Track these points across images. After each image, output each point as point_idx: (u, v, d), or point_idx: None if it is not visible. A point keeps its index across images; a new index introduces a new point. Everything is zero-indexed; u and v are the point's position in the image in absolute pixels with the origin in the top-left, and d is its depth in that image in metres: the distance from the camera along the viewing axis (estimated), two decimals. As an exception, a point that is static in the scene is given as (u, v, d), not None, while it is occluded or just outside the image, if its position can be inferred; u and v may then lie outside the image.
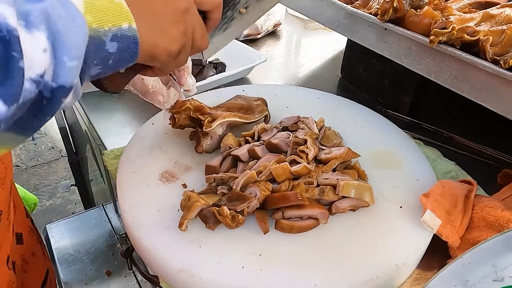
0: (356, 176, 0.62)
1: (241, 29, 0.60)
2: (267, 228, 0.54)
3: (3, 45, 0.28)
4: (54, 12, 0.31)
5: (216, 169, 0.62)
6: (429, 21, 0.61)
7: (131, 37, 0.37)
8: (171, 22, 0.42)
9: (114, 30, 0.35)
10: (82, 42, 0.33)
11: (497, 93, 0.56)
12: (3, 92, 0.28)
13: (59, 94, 0.32)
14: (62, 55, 0.31)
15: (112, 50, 0.36)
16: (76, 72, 0.33)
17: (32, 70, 0.29)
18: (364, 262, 0.51)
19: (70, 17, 0.32)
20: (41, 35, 0.30)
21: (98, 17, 0.34)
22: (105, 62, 0.36)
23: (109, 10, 0.35)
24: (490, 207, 0.55)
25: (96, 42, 0.34)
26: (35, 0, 0.30)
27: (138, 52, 0.38)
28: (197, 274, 0.49)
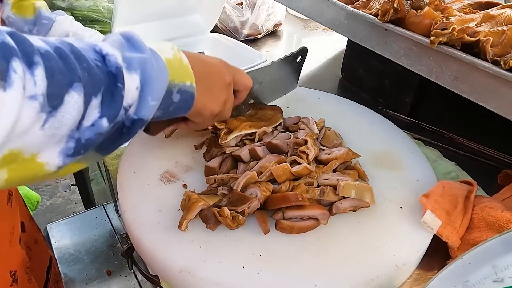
0: (356, 177, 0.62)
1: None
2: (268, 229, 0.54)
3: (112, 78, 0.36)
4: (150, 62, 0.40)
5: (216, 170, 0.63)
6: (430, 21, 0.61)
7: (191, 93, 0.46)
8: (219, 90, 0.52)
9: (180, 85, 0.44)
10: (163, 88, 0.41)
11: (498, 94, 0.56)
12: (109, 112, 0.36)
13: (137, 125, 0.40)
14: (148, 95, 0.39)
15: (175, 100, 0.44)
16: (153, 110, 0.41)
17: (125, 100, 0.37)
18: (364, 263, 0.51)
19: (160, 68, 0.41)
20: (137, 76, 0.38)
21: (173, 73, 0.43)
22: (167, 108, 0.44)
23: (180, 69, 0.44)
24: (490, 207, 0.55)
25: (167, 91, 0.43)
26: (137, 51, 0.40)
27: (192, 106, 0.47)
28: (197, 274, 0.49)
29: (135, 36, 0.41)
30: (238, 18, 1.27)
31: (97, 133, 0.35)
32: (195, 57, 0.49)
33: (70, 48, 0.34)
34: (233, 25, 1.27)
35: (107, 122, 0.36)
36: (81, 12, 1.05)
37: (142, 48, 0.40)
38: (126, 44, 0.40)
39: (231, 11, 1.28)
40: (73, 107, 0.33)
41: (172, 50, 0.44)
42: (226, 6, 1.27)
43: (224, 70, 0.54)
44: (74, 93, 0.32)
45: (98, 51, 0.37)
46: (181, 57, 0.45)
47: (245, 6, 1.29)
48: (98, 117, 0.35)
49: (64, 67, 0.32)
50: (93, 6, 1.07)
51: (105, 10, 1.08)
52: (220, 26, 1.29)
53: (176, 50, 0.45)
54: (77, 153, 0.35)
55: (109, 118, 0.36)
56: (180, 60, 0.45)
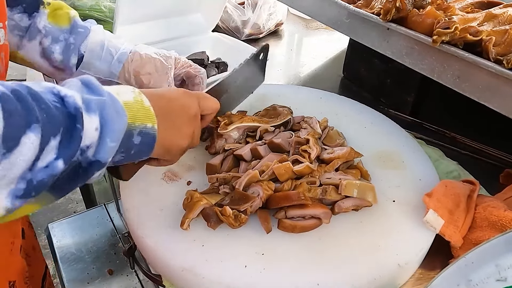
0: (359, 176, 0.62)
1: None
2: (270, 228, 0.54)
3: (71, 119, 0.36)
4: (108, 105, 0.40)
5: (217, 168, 0.63)
6: (432, 21, 0.61)
7: (152, 135, 0.45)
8: (185, 124, 0.52)
9: (141, 127, 0.44)
10: (122, 130, 0.41)
11: (500, 93, 0.55)
12: (66, 153, 0.35)
13: (94, 166, 0.39)
14: (106, 136, 0.39)
15: (136, 142, 0.44)
16: (112, 152, 0.40)
17: (83, 141, 0.37)
18: (366, 262, 0.51)
19: (117, 110, 0.41)
20: (96, 118, 0.38)
21: (132, 115, 0.43)
22: (129, 151, 0.44)
23: (140, 111, 0.44)
24: (492, 207, 0.55)
25: (127, 133, 0.42)
26: (96, 93, 0.40)
27: (154, 147, 0.46)
28: (199, 273, 0.49)
29: (93, 80, 0.41)
30: (239, 18, 1.27)
31: (50, 174, 0.35)
32: (157, 96, 0.48)
33: (28, 91, 0.34)
34: (235, 25, 1.27)
35: (62, 163, 0.35)
36: (83, 11, 1.05)
37: (100, 92, 0.40)
38: (84, 88, 0.40)
39: (233, 10, 1.28)
40: (29, 149, 0.32)
41: (133, 93, 0.44)
42: (227, 5, 1.27)
43: (188, 102, 0.53)
44: (32, 134, 0.32)
45: (56, 93, 0.36)
46: (142, 99, 0.45)
47: (246, 6, 1.29)
48: (54, 158, 0.34)
49: (22, 109, 0.32)
50: (95, 5, 1.07)
51: (107, 9, 1.08)
52: (221, 26, 1.29)
53: (136, 93, 0.45)
54: (27, 194, 0.34)
55: (65, 159, 0.35)
56: (141, 103, 0.44)
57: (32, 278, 0.70)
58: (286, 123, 0.70)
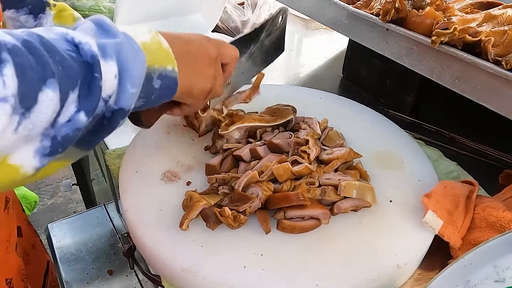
0: (358, 177, 0.62)
1: (237, 87, 0.70)
2: (269, 228, 0.54)
3: (88, 69, 0.33)
4: (124, 47, 0.37)
5: (216, 168, 0.63)
6: (431, 21, 0.61)
7: (173, 78, 0.43)
8: (206, 65, 0.50)
9: (160, 70, 0.42)
10: (142, 74, 0.39)
11: (499, 94, 0.56)
12: (87, 105, 0.33)
13: (118, 115, 0.38)
14: (127, 82, 0.37)
15: (156, 86, 0.42)
16: (134, 98, 0.38)
17: (105, 91, 0.35)
18: (365, 263, 0.51)
19: (135, 51, 0.38)
20: (113, 63, 0.36)
21: (151, 57, 0.40)
22: (149, 96, 0.42)
23: (159, 53, 0.42)
24: (491, 207, 0.55)
25: (147, 77, 0.40)
26: (110, 35, 0.37)
27: (176, 91, 0.44)
28: (199, 274, 0.49)
29: (107, 21, 0.38)
30: (239, 18, 1.27)
31: (74, 128, 0.33)
32: (175, 37, 0.46)
33: (40, 40, 0.31)
34: (234, 25, 1.27)
35: (85, 116, 0.33)
36: (82, 12, 1.05)
37: (115, 33, 0.38)
38: (97, 30, 0.37)
39: (232, 10, 1.28)
40: (48, 106, 0.30)
41: (149, 34, 0.42)
42: (227, 5, 1.27)
43: (207, 45, 0.51)
44: (49, 91, 0.30)
45: (70, 40, 0.34)
46: (159, 41, 0.42)
47: (246, 6, 1.29)
48: (75, 111, 0.33)
49: (35, 63, 0.30)
50: (94, 6, 1.07)
51: (107, 10, 1.08)
52: (221, 26, 1.29)
53: (153, 33, 0.42)
54: (54, 151, 0.33)
55: (87, 112, 0.34)
56: (159, 43, 0.42)
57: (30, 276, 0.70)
58: (287, 122, 0.70)
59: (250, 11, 1.28)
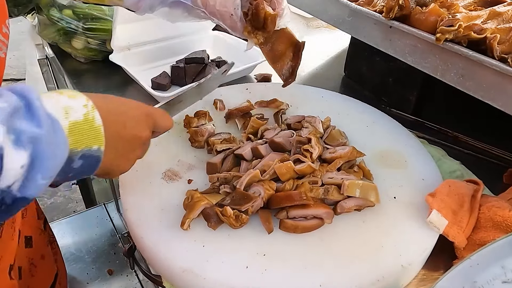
0: (361, 176, 0.61)
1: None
2: (271, 228, 0.54)
3: None
4: (46, 139, 0.34)
5: (217, 167, 0.62)
6: (435, 18, 0.61)
7: (96, 157, 0.41)
8: (133, 149, 0.49)
9: (85, 151, 0.39)
10: (59, 166, 0.36)
11: (505, 92, 0.55)
12: None
13: (20, 203, 0.34)
14: (37, 173, 0.34)
15: (76, 166, 0.39)
16: (43, 188, 0.35)
17: (3, 181, 0.32)
18: (369, 263, 0.51)
19: (58, 144, 0.36)
20: (25, 153, 0.32)
21: (77, 139, 0.38)
22: (66, 175, 0.40)
23: (87, 133, 0.39)
24: (497, 207, 0.54)
25: (67, 160, 0.38)
26: (32, 123, 0.33)
27: (96, 170, 0.42)
28: (200, 274, 0.49)
29: (35, 102, 0.34)
30: (240, 16, 1.26)
31: None
32: (112, 111, 0.44)
33: None
34: (235, 23, 1.26)
35: None
36: (82, 10, 1.04)
37: (40, 120, 0.34)
38: (23, 109, 0.34)
39: (233, 9, 1.27)
40: None
41: (85, 108, 0.39)
42: (228, 4, 1.26)
43: (143, 124, 0.50)
44: None
45: None
46: (93, 117, 0.40)
47: (247, 4, 1.28)
48: None
49: None
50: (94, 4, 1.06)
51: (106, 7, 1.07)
52: (222, 24, 1.28)
53: (90, 108, 0.40)
54: None
55: None
56: (92, 122, 0.39)
57: None
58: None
59: (251, 9, 1.27)
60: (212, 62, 1.03)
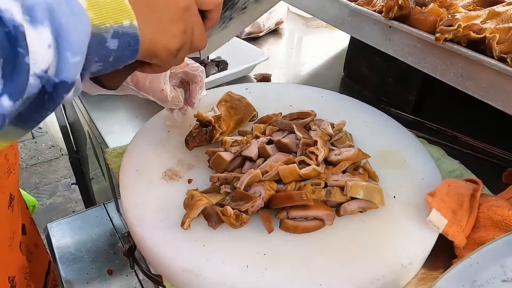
0: (366, 178, 0.61)
1: (239, 29, 0.62)
2: (272, 228, 0.54)
3: (9, 41, 0.28)
4: (58, 8, 0.31)
5: (226, 163, 0.61)
6: (435, 18, 0.61)
7: (132, 34, 0.37)
8: (172, 20, 0.42)
9: (115, 27, 0.35)
10: (85, 38, 0.33)
11: (504, 91, 0.55)
12: (10, 88, 0.28)
13: (61, 89, 0.32)
14: (65, 50, 0.31)
15: (113, 47, 0.36)
16: (78, 68, 0.33)
17: (37, 65, 0.29)
18: (369, 262, 0.51)
19: (74, 13, 0.32)
20: (45, 30, 0.30)
21: (100, 14, 0.34)
22: (106, 59, 0.36)
23: (110, 7, 0.35)
24: (496, 206, 0.55)
25: (97, 38, 0.34)
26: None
27: (138, 50, 0.38)
28: (201, 274, 0.49)
29: None
30: (239, 16, 1.26)
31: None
32: None
33: None
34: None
35: (9, 100, 0.28)
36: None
37: None
38: None
39: (233, 9, 1.27)
40: None
41: None
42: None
43: None
44: None
45: None
46: None
47: (246, 4, 1.28)
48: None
49: None
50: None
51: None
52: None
53: None
54: None
55: (12, 95, 0.28)
56: None
57: (33, 274, 0.70)
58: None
59: (250, 9, 1.27)
60: (211, 62, 1.03)
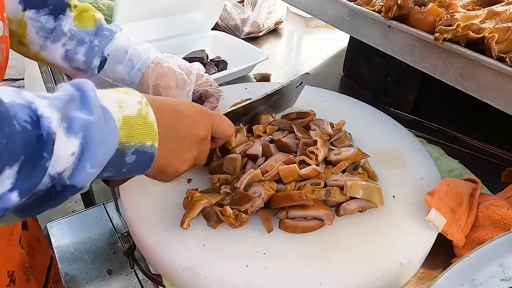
0: (366, 177, 0.61)
1: None
2: (271, 227, 0.54)
3: (38, 144, 0.30)
4: (96, 125, 0.34)
5: (239, 162, 0.60)
6: (434, 18, 0.61)
7: (150, 153, 0.40)
8: (189, 147, 0.47)
9: (138, 146, 0.39)
10: (108, 155, 0.36)
11: (503, 91, 0.55)
12: (22, 185, 0.30)
13: (69, 191, 0.35)
14: (86, 161, 0.34)
15: (129, 161, 0.39)
16: (92, 177, 0.35)
17: (54, 167, 0.32)
18: (369, 261, 0.51)
19: (108, 132, 0.36)
20: (76, 141, 0.33)
21: (129, 133, 0.38)
22: (119, 170, 0.39)
23: (140, 128, 0.39)
24: (495, 205, 0.55)
25: (119, 153, 0.37)
26: (85, 111, 0.34)
27: (150, 167, 0.41)
28: (200, 273, 0.49)
29: (89, 91, 0.35)
30: (239, 16, 1.26)
31: (1, 208, 0.30)
32: (167, 110, 0.44)
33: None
34: (234, 23, 1.26)
35: (17, 196, 0.30)
36: (81, 10, 1.04)
37: (92, 108, 0.35)
38: (78, 99, 0.35)
39: (232, 8, 1.27)
40: None
41: (139, 105, 0.39)
42: (227, 3, 1.26)
43: (200, 122, 0.48)
44: None
45: (33, 110, 0.31)
46: (147, 113, 0.39)
47: (246, 4, 1.28)
48: (8, 189, 0.29)
49: None
50: (93, 3, 1.06)
51: (106, 7, 1.08)
52: (221, 24, 1.29)
53: (144, 104, 0.39)
54: None
55: (22, 192, 0.30)
56: (145, 118, 0.39)
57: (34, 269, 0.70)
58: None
59: (250, 9, 1.27)
60: (211, 62, 1.03)
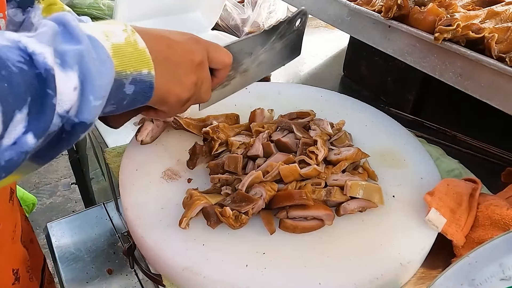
0: (366, 177, 0.61)
1: (238, 88, 0.65)
2: (274, 229, 0.54)
3: (39, 83, 0.30)
4: (88, 54, 0.33)
5: (240, 160, 0.60)
6: (434, 18, 0.61)
7: (148, 82, 0.40)
8: (186, 72, 0.46)
9: (134, 74, 0.38)
10: (108, 84, 0.35)
11: (503, 91, 0.55)
12: (35, 126, 0.30)
13: (79, 129, 0.34)
14: (89, 94, 0.33)
15: (129, 92, 0.39)
16: (98, 110, 0.35)
17: (61, 106, 0.32)
18: (368, 261, 0.51)
19: (101, 60, 0.35)
20: (74, 74, 0.32)
21: (122, 61, 0.37)
22: (120, 102, 0.39)
23: (133, 56, 0.38)
24: (495, 205, 0.55)
25: (117, 84, 0.37)
26: (72, 42, 0.33)
27: (152, 96, 0.41)
28: (200, 272, 0.49)
29: (71, 22, 0.34)
30: (239, 16, 1.26)
31: (20, 152, 0.30)
32: (157, 37, 0.43)
33: None
34: (234, 23, 1.27)
35: (33, 138, 0.30)
36: (81, 9, 1.04)
37: (79, 38, 0.33)
38: (60, 33, 0.33)
39: (232, 8, 1.27)
40: None
41: (125, 32, 0.38)
42: (227, 3, 1.26)
43: (193, 48, 0.47)
44: None
45: (22, 49, 0.30)
46: (135, 40, 0.38)
47: (246, 4, 1.28)
48: (23, 133, 0.29)
49: None
50: (93, 3, 1.07)
51: (106, 7, 1.08)
52: (221, 24, 1.29)
53: (129, 32, 0.38)
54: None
55: (37, 133, 0.30)
56: (134, 45, 0.38)
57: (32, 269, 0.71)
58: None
59: (250, 9, 1.27)
60: (211, 62, 1.03)
